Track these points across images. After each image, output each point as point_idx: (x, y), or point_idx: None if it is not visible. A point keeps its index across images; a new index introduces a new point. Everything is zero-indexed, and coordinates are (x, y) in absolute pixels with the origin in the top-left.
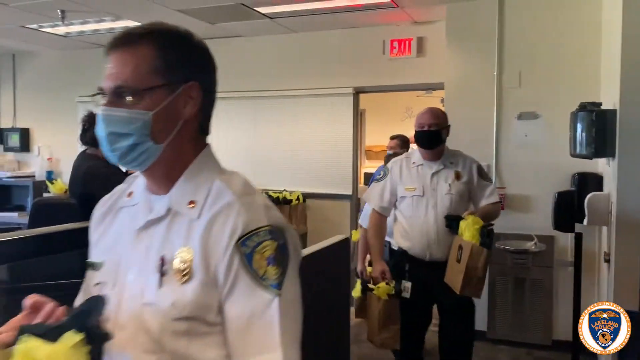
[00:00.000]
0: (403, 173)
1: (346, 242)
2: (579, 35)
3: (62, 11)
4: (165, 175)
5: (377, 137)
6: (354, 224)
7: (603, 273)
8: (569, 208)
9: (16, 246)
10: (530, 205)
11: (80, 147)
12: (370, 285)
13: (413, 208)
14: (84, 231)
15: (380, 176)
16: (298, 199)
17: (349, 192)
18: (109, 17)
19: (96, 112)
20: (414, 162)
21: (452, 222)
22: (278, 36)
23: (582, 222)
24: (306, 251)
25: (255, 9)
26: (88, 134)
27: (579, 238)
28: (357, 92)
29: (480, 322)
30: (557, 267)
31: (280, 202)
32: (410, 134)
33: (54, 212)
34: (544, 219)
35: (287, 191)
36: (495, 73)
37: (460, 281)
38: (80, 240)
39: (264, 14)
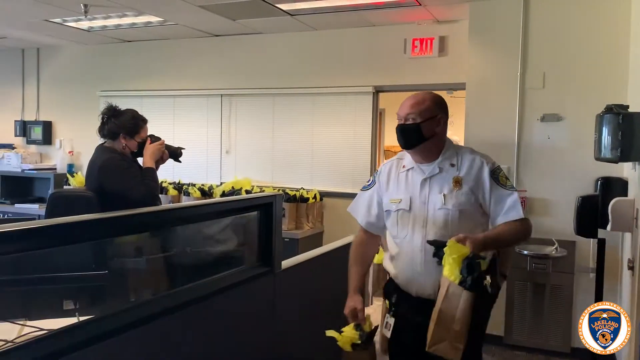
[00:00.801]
0: (391, 179)
1: None
2: (607, 35)
3: (85, 5)
4: None
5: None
6: None
7: (626, 281)
8: (592, 213)
9: (25, 237)
10: (552, 209)
11: (99, 140)
12: (333, 333)
13: (397, 226)
14: (94, 223)
15: (369, 182)
16: (315, 197)
17: None
18: (132, 12)
19: (117, 106)
20: (404, 166)
21: (438, 249)
22: (298, 33)
23: (605, 227)
24: (322, 249)
25: (276, 5)
26: (107, 127)
27: (601, 244)
28: (377, 91)
29: (497, 326)
30: (577, 273)
31: (298, 200)
32: None
33: (70, 204)
34: (566, 224)
35: (304, 189)
36: (518, 73)
37: (431, 332)
38: (90, 232)
39: (284, 11)
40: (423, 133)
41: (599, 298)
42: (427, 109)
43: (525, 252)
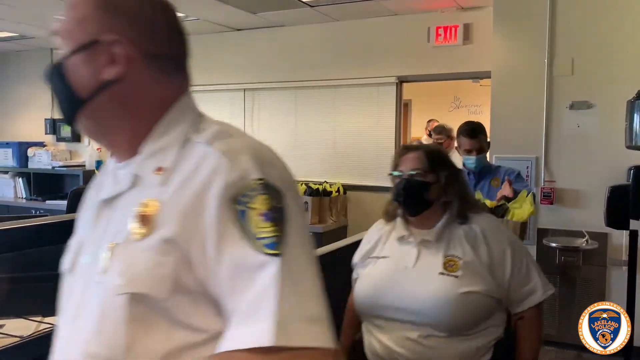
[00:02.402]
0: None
1: None
2: (638, 18)
3: None
4: None
5: (424, 128)
6: None
7: None
8: (623, 203)
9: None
10: (582, 200)
11: None
12: None
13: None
14: None
15: None
16: (338, 190)
17: (391, 185)
18: None
19: None
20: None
21: None
22: (319, 25)
23: (638, 218)
24: (346, 242)
25: None
26: None
27: (634, 236)
28: (401, 82)
29: None
30: (610, 267)
31: (321, 194)
32: (456, 124)
33: None
34: (597, 215)
35: (327, 183)
36: (545, 60)
37: None
38: None
39: (304, 2)
40: (70, 79)
41: (631, 292)
42: (80, 21)
43: (554, 244)
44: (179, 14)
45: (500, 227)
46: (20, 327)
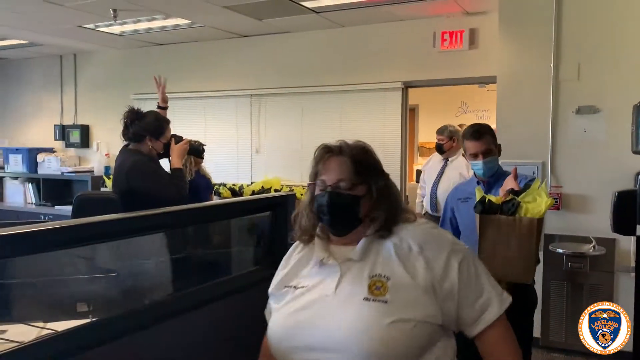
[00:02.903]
0: None
1: None
2: None
3: (114, 10)
4: None
5: (431, 133)
6: None
7: None
8: (630, 209)
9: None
10: (589, 205)
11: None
12: None
13: None
14: (105, 224)
15: None
16: None
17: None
18: (160, 16)
19: (139, 108)
20: None
21: None
22: (325, 31)
23: None
24: None
25: (301, 3)
26: (131, 130)
27: None
28: (406, 87)
29: (534, 328)
30: (618, 273)
31: None
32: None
33: (95, 206)
34: (604, 221)
35: None
36: (551, 65)
37: None
38: (102, 233)
39: (309, 9)
40: None
41: (639, 299)
42: None
43: (561, 250)
44: (185, 21)
45: (439, 233)
46: (22, 333)
